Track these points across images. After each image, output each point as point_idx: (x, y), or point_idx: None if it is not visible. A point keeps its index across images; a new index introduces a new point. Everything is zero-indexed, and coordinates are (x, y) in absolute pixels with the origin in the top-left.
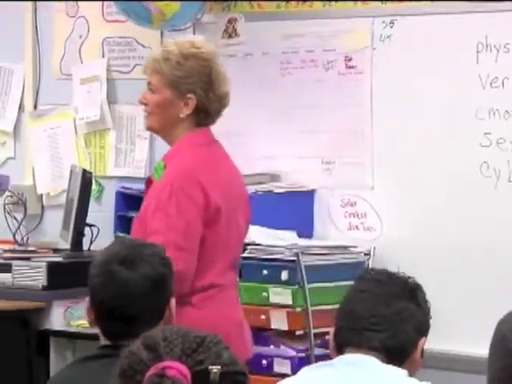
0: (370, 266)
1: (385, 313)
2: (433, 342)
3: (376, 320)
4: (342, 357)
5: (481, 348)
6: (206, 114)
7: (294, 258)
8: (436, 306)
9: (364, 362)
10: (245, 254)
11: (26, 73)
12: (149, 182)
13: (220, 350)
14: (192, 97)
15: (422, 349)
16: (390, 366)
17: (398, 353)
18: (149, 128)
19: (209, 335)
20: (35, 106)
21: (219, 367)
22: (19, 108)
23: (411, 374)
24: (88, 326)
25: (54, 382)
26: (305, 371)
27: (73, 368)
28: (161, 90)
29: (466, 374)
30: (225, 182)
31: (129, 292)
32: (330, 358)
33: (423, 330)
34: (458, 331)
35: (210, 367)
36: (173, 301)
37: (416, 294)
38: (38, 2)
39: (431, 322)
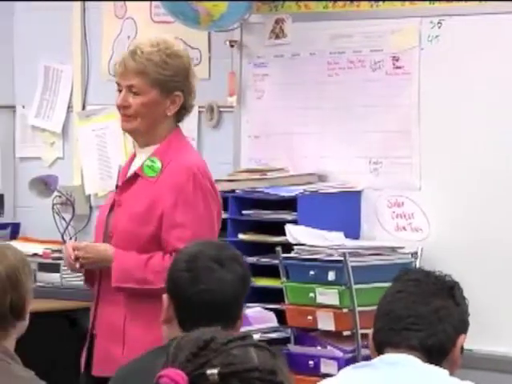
0: (417, 266)
1: (423, 312)
2: (481, 343)
3: (414, 319)
4: (382, 357)
5: None
6: (185, 110)
7: (341, 259)
8: (483, 306)
9: (405, 361)
10: (291, 254)
11: (75, 73)
12: (133, 178)
13: (229, 350)
14: (180, 94)
15: (462, 346)
16: (431, 366)
17: (437, 351)
18: (133, 130)
19: (218, 336)
20: (83, 107)
21: (217, 369)
22: (68, 108)
23: (451, 373)
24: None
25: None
26: (346, 371)
27: (147, 356)
28: (146, 90)
29: None
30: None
31: (223, 290)
32: None
33: (462, 327)
34: (507, 332)
35: (208, 371)
36: (244, 310)
37: (454, 292)
38: (86, 3)
39: (479, 322)
